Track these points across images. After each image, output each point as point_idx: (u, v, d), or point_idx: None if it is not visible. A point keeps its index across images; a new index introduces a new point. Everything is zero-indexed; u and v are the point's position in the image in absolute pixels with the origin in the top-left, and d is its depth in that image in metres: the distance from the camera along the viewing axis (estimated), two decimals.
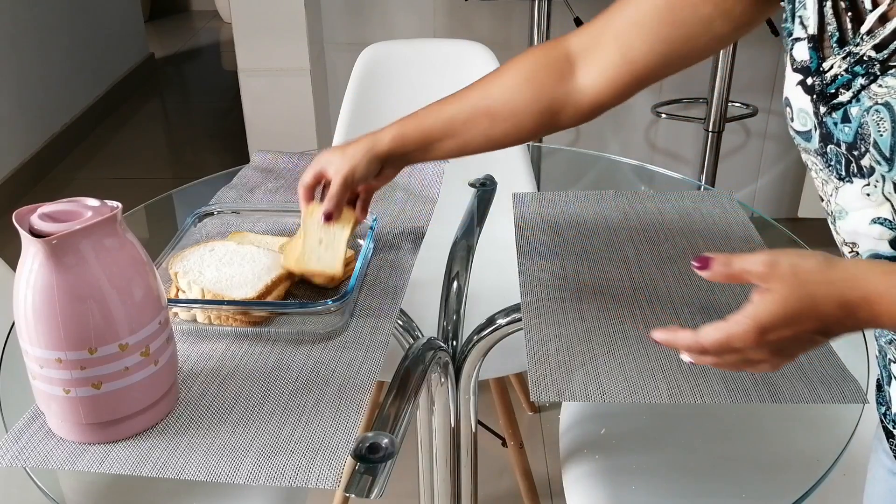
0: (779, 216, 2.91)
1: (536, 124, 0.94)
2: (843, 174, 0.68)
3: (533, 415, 2.09)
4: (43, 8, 3.60)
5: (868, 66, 0.64)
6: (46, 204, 0.76)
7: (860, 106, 0.64)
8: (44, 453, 0.78)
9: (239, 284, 0.96)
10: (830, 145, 0.69)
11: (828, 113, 0.68)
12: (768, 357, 0.64)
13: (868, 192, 0.66)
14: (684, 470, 1.09)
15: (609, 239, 1.16)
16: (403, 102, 1.78)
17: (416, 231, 1.17)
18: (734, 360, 0.65)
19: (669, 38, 0.84)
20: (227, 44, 4.76)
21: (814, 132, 0.70)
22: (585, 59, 0.91)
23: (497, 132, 0.95)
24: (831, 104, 0.67)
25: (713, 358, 0.65)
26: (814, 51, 0.68)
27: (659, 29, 0.84)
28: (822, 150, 0.70)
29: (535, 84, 0.93)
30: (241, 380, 0.87)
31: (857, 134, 0.65)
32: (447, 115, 0.95)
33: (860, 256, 0.71)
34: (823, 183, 0.72)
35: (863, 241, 0.70)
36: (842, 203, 0.70)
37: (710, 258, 0.65)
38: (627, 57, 0.87)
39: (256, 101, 2.65)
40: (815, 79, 0.68)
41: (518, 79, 0.94)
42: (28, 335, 0.74)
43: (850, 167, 0.67)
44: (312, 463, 0.76)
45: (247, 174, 1.37)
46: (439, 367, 1.05)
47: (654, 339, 0.68)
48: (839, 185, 0.69)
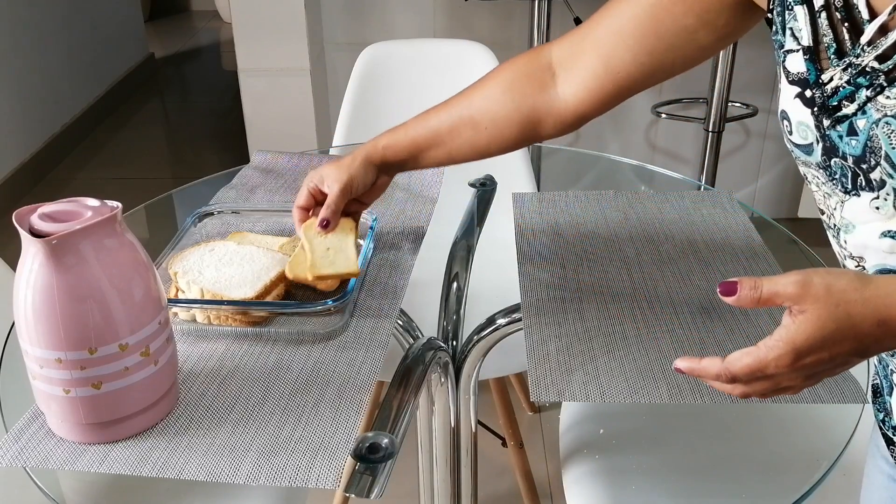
0: (779, 216, 2.91)
1: (517, 134, 0.94)
2: (848, 187, 0.67)
3: (533, 415, 2.09)
4: (43, 8, 3.60)
5: (872, 78, 0.62)
6: (46, 204, 0.76)
7: (867, 118, 0.63)
8: (44, 453, 0.78)
9: (238, 284, 0.96)
10: (835, 158, 0.67)
11: (832, 126, 0.66)
12: (801, 382, 0.62)
13: (877, 206, 0.65)
14: (684, 470, 1.09)
15: (609, 239, 1.16)
16: (403, 102, 1.79)
17: (416, 231, 1.17)
18: (765, 387, 0.62)
19: (652, 49, 0.83)
20: (227, 44, 4.76)
21: (816, 145, 0.69)
22: (567, 68, 0.90)
23: (480, 141, 0.95)
24: (835, 117, 0.66)
25: (743, 387, 0.62)
26: (810, 62, 0.67)
27: (641, 39, 0.83)
28: (825, 164, 0.69)
29: (515, 93, 0.93)
30: (241, 380, 0.87)
31: (866, 147, 0.63)
32: (433, 124, 0.97)
33: (866, 271, 0.69)
34: (826, 196, 0.71)
35: (871, 255, 0.68)
36: (848, 217, 0.69)
37: (736, 283, 0.60)
38: (609, 67, 0.86)
39: (256, 101, 2.65)
40: (815, 91, 0.67)
41: (499, 88, 0.94)
42: (28, 335, 0.74)
43: (857, 180, 0.66)
44: (312, 463, 0.76)
45: (247, 174, 1.37)
46: (439, 367, 1.05)
47: (678, 369, 0.64)
48: (845, 198, 0.68)
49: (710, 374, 0.63)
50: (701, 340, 0.94)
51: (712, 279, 1.06)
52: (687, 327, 0.96)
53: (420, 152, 0.98)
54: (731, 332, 0.95)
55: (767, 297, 0.59)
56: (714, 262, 1.10)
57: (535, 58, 0.93)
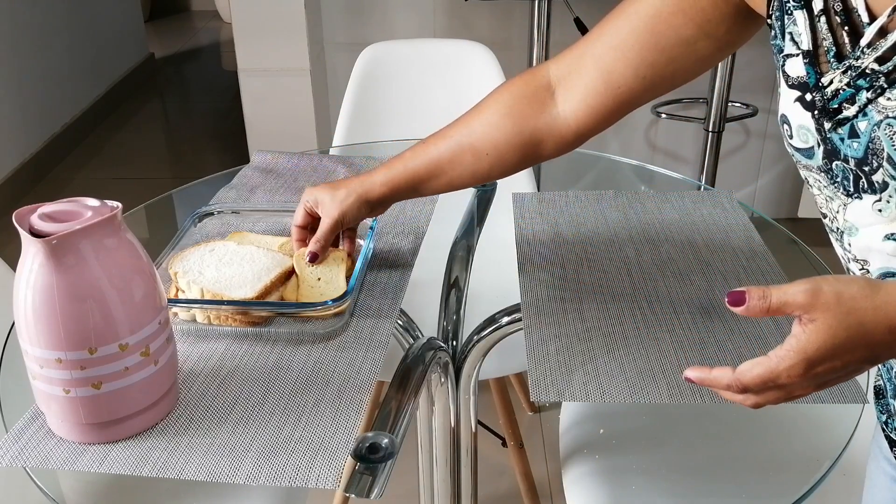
0: (779, 216, 2.91)
1: (520, 157, 0.94)
2: (850, 190, 0.67)
3: (533, 415, 2.09)
4: (43, 8, 3.60)
5: (872, 80, 0.62)
6: (46, 204, 0.76)
7: (868, 120, 0.63)
8: (44, 453, 0.78)
9: (239, 284, 0.96)
10: (836, 161, 0.67)
11: (833, 129, 0.66)
12: (812, 390, 0.61)
13: (880, 208, 0.64)
14: (684, 470, 1.09)
15: (609, 239, 1.16)
16: (403, 102, 1.79)
17: (416, 231, 1.17)
18: (777, 396, 0.62)
19: (652, 62, 0.82)
20: (227, 44, 4.76)
21: (817, 149, 0.69)
22: (566, 86, 0.89)
23: (482, 168, 0.95)
24: (836, 119, 0.66)
25: (754, 398, 0.62)
26: (810, 66, 0.67)
27: (641, 53, 0.82)
28: (826, 167, 0.69)
29: (515, 117, 0.92)
30: (241, 380, 0.87)
31: (868, 149, 0.63)
32: (432, 155, 0.96)
33: (870, 274, 0.69)
34: (828, 200, 0.71)
35: (875, 257, 0.68)
36: (851, 220, 0.68)
37: (744, 292, 0.59)
38: (610, 82, 0.85)
39: (256, 101, 2.65)
40: (815, 94, 0.67)
41: (498, 113, 0.93)
42: (28, 335, 0.74)
43: (859, 183, 0.65)
44: (312, 463, 0.76)
45: (247, 174, 1.37)
46: (439, 367, 1.05)
47: (688, 378, 0.64)
48: (847, 201, 0.68)
49: (721, 385, 0.62)
50: (701, 340, 0.94)
51: (712, 279, 1.06)
52: (687, 327, 0.96)
53: (419, 184, 0.97)
54: (731, 332, 0.95)
55: (777, 306, 0.59)
56: (714, 262, 1.10)
57: (532, 78, 0.92)
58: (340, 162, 1.44)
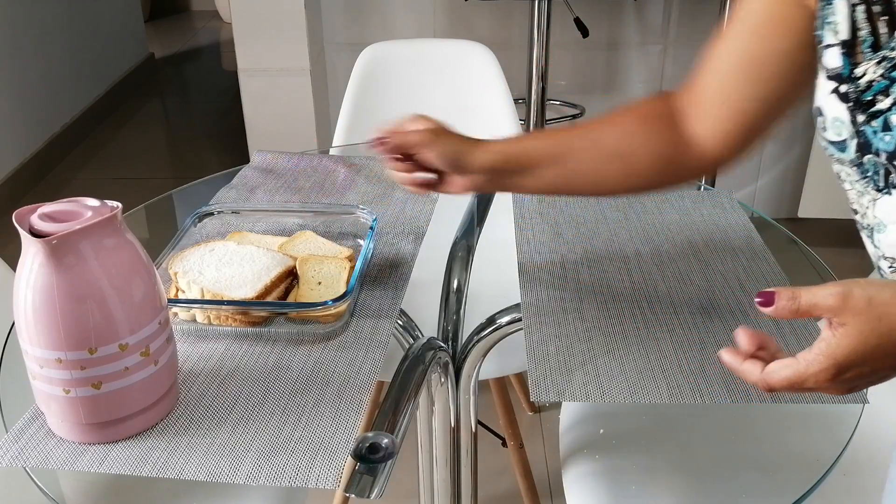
0: (779, 216, 2.91)
1: (650, 169, 0.88)
2: (881, 185, 0.66)
3: (533, 415, 2.09)
4: (43, 8, 3.60)
5: None
6: (46, 204, 0.76)
7: None
8: (44, 453, 0.78)
9: (239, 284, 0.96)
10: (868, 155, 0.66)
11: (866, 121, 0.65)
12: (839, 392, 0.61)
13: None
14: (684, 470, 1.09)
15: (609, 239, 1.16)
16: (403, 102, 1.79)
17: (416, 231, 1.17)
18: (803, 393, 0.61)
19: (760, 79, 0.79)
20: (227, 44, 4.76)
21: (850, 142, 0.67)
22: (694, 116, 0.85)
23: (607, 170, 0.88)
24: (869, 112, 0.64)
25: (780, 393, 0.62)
26: (846, 56, 0.66)
27: (748, 71, 0.79)
28: (858, 161, 0.68)
29: (651, 127, 0.87)
30: (241, 380, 0.87)
31: None
32: (555, 140, 0.88)
33: None
34: (859, 195, 0.70)
35: None
36: (880, 215, 0.68)
37: (774, 293, 0.59)
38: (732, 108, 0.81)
39: (256, 101, 2.65)
40: (849, 86, 0.66)
41: (634, 123, 0.88)
42: (28, 335, 0.74)
43: (889, 177, 0.65)
44: (312, 463, 0.76)
45: (247, 174, 1.37)
46: (439, 367, 1.05)
47: (720, 357, 0.64)
48: (877, 196, 0.67)
49: (747, 380, 0.62)
50: (701, 340, 0.94)
51: (712, 279, 1.06)
52: (687, 327, 0.96)
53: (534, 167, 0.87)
54: (731, 333, 0.94)
55: (806, 308, 0.58)
56: (714, 262, 1.10)
57: (658, 103, 0.88)
58: (340, 162, 1.44)
